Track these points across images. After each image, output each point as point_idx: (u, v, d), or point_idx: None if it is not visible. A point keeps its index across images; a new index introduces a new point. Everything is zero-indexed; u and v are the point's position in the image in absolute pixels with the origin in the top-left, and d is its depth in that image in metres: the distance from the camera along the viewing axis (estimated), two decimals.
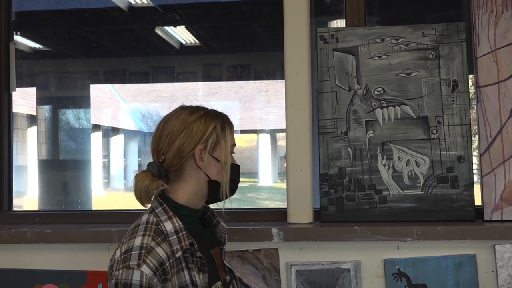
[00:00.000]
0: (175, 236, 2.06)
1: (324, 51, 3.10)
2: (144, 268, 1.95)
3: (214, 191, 2.17)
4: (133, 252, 1.98)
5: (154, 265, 1.97)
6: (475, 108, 3.04)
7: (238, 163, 2.26)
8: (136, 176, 2.13)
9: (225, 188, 2.16)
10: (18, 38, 5.49)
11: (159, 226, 2.08)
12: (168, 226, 2.08)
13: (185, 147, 2.12)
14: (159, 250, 2.01)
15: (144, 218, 2.12)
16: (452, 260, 2.82)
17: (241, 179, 2.34)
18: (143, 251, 1.98)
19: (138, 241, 2.02)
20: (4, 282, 2.93)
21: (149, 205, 2.14)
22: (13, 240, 2.95)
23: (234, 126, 2.29)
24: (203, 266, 2.10)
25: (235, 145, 2.24)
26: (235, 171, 2.22)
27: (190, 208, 2.16)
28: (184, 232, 2.08)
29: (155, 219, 2.10)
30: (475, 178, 3.04)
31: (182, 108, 2.21)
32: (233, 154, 2.24)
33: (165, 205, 2.12)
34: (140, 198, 2.11)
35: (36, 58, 6.38)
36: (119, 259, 2.00)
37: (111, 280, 1.98)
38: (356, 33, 3.09)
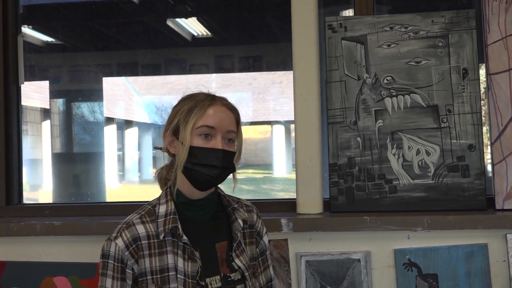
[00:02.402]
0: (163, 219, 2.10)
1: (333, 40, 3.07)
2: (118, 240, 2.06)
3: (189, 177, 2.13)
4: (118, 226, 2.12)
5: (128, 239, 2.06)
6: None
7: (220, 147, 2.12)
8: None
9: (179, 169, 2.10)
10: (30, 32, 5.51)
11: (155, 208, 2.14)
12: (162, 209, 2.12)
13: (164, 135, 2.19)
14: (139, 227, 2.09)
15: (150, 201, 2.20)
16: (463, 250, 2.79)
17: (256, 171, 2.31)
18: (124, 226, 2.10)
19: (127, 218, 2.14)
20: (14, 275, 2.93)
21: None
22: (23, 233, 2.96)
23: (248, 118, 2.28)
24: (193, 254, 2.08)
25: (209, 126, 2.11)
26: (203, 154, 2.11)
27: (185, 196, 2.16)
28: (171, 216, 2.09)
29: (156, 201, 2.17)
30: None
31: (181, 97, 2.23)
32: (209, 137, 2.12)
33: (168, 190, 2.17)
34: (158, 182, 2.27)
35: (49, 52, 6.40)
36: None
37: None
38: (365, 21, 3.06)
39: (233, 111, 2.20)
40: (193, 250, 2.09)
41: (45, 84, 6.92)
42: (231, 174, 2.22)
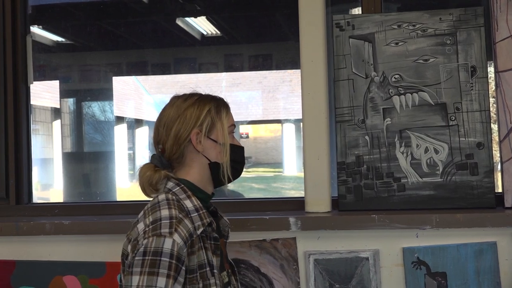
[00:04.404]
0: (196, 213, 2.08)
1: (340, 39, 3.07)
2: (176, 236, 1.96)
3: (216, 173, 2.18)
4: (163, 221, 1.99)
5: (185, 234, 1.99)
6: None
7: (242, 145, 2.26)
8: (140, 168, 2.16)
9: (226, 169, 2.16)
10: (40, 31, 5.52)
11: (180, 203, 2.09)
12: (188, 204, 2.09)
13: (181, 133, 2.14)
14: (187, 222, 2.03)
15: (162, 196, 2.12)
16: (472, 248, 2.79)
17: (266, 170, 2.35)
18: (174, 221, 2.00)
19: (165, 212, 2.03)
20: (24, 274, 2.95)
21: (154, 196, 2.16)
22: (33, 232, 2.97)
23: (258, 116, 2.32)
24: (217, 249, 2.12)
25: (234, 125, 2.23)
26: (236, 152, 2.21)
27: (203, 191, 2.17)
28: (204, 211, 2.10)
29: (174, 197, 2.11)
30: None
31: (176, 97, 2.23)
32: (235, 135, 2.25)
33: (182, 185, 2.14)
34: (144, 189, 2.15)
35: (58, 51, 6.41)
36: (146, 229, 1.99)
37: (138, 249, 1.96)
38: (372, 19, 3.06)
39: None
40: (218, 244, 2.12)
41: (56, 83, 6.93)
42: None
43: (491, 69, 3.06)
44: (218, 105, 2.20)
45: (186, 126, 2.14)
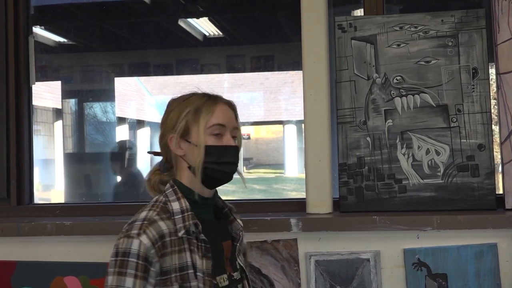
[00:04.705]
0: (180, 216, 2.08)
1: (342, 40, 3.07)
2: (143, 238, 1.99)
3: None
4: (136, 223, 2.04)
5: (154, 236, 2.01)
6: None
7: (233, 144, 2.16)
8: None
9: (198, 171, 2.11)
10: (42, 32, 5.53)
11: (167, 205, 2.11)
12: (175, 206, 2.10)
13: (163, 138, 2.19)
14: (161, 223, 2.05)
15: (154, 198, 2.17)
16: (473, 250, 2.79)
17: (267, 171, 2.32)
18: (145, 222, 2.03)
19: (143, 214, 2.08)
20: (25, 275, 2.95)
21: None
22: (34, 233, 2.97)
23: (259, 117, 2.28)
24: (207, 252, 2.08)
25: (221, 124, 2.14)
26: (214, 153, 2.13)
27: (199, 195, 2.16)
28: (189, 213, 2.09)
29: (164, 198, 2.14)
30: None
31: (171, 99, 2.24)
32: (220, 135, 2.15)
33: (175, 187, 2.15)
34: (148, 191, 2.23)
35: (61, 52, 6.42)
36: (123, 230, 2.06)
37: (113, 250, 2.03)
38: (374, 21, 3.06)
39: (233, 108, 2.23)
40: (208, 247, 2.09)
41: (58, 84, 6.93)
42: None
43: (492, 71, 3.06)
44: (201, 105, 2.14)
45: (165, 131, 2.18)
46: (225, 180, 2.18)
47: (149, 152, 2.38)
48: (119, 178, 6.47)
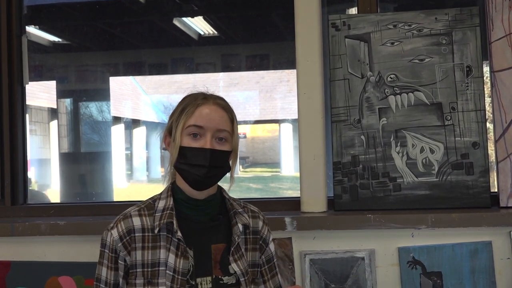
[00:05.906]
0: (160, 213, 2.12)
1: (336, 39, 3.07)
2: (114, 231, 2.11)
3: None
4: (116, 217, 2.17)
5: (123, 231, 2.10)
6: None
7: (208, 146, 2.11)
8: None
9: (170, 169, 2.19)
10: (36, 31, 5.52)
11: (155, 202, 2.17)
12: (161, 203, 2.15)
13: (164, 135, 2.26)
14: (136, 219, 2.12)
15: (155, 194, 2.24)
16: (468, 248, 2.79)
17: (263, 169, 2.31)
18: (121, 217, 2.14)
19: (128, 209, 2.18)
20: (19, 275, 2.94)
21: None
22: (28, 233, 2.97)
23: (255, 116, 2.28)
24: (186, 252, 2.09)
25: (197, 126, 2.12)
26: (187, 154, 2.11)
27: (185, 194, 2.17)
28: (168, 212, 2.12)
29: (158, 196, 2.20)
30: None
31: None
32: (198, 137, 2.13)
33: (170, 186, 2.20)
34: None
35: (55, 52, 6.41)
36: None
37: None
38: (368, 19, 3.06)
39: (227, 110, 2.19)
40: (186, 247, 2.09)
41: (52, 84, 6.92)
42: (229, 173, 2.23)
43: (486, 69, 3.06)
44: (186, 105, 2.16)
45: (164, 131, 2.24)
46: (198, 183, 2.13)
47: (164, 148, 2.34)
48: None
